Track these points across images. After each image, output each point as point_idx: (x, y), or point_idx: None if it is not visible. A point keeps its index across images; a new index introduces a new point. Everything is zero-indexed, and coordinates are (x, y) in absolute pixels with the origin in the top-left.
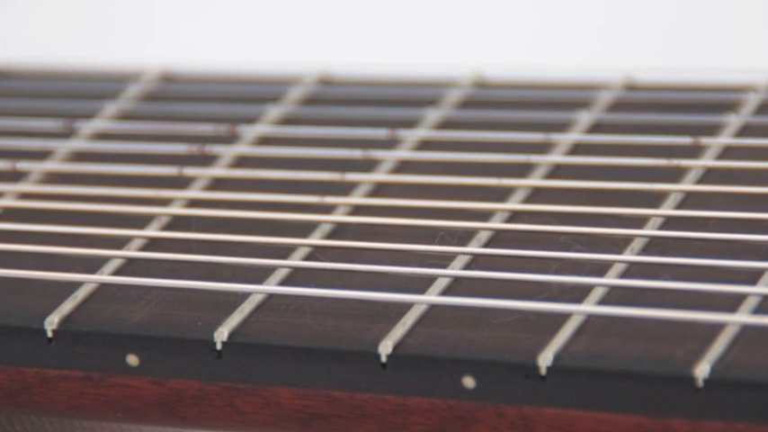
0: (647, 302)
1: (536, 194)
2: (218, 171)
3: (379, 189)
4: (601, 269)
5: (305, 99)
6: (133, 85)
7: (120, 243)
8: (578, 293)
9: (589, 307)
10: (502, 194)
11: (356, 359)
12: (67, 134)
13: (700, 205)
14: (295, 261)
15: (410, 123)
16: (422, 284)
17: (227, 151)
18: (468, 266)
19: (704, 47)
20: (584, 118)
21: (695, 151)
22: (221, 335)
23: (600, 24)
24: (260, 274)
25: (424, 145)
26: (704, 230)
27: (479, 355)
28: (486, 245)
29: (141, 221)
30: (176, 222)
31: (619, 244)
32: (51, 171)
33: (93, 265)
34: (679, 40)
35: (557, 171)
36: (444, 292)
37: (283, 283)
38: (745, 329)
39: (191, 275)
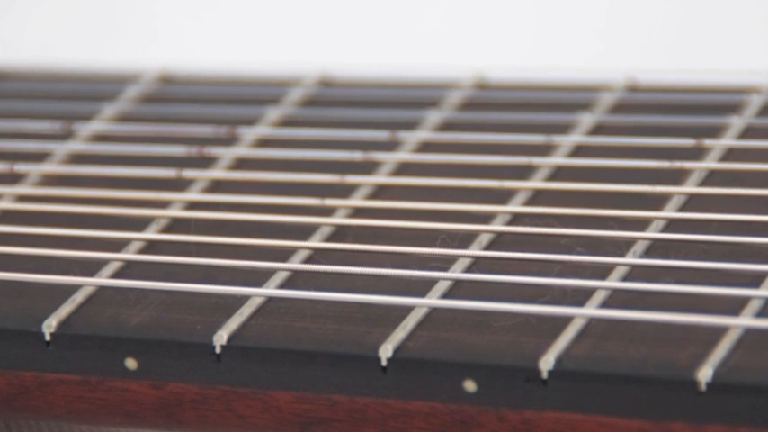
0: (650, 305)
1: (537, 197)
2: (218, 173)
3: (380, 191)
4: (603, 272)
5: (305, 101)
6: (132, 86)
7: (118, 246)
8: (580, 296)
9: (591, 310)
10: (503, 197)
11: (356, 363)
12: (66, 136)
13: (702, 208)
14: (295, 264)
15: (411, 125)
16: (422, 287)
17: (227, 153)
18: (469, 269)
19: (707, 48)
20: (586, 120)
21: (698, 153)
22: (220, 338)
23: (601, 25)
24: (259, 277)
25: (425, 147)
26: (707, 233)
27: (480, 358)
28: (488, 247)
29: (140, 224)
30: (175, 225)
31: (621, 247)
32: (49, 173)
33: (91, 268)
34: (681, 41)
35: (558, 173)
36: (445, 296)
37: (283, 286)
38: (748, 333)
39: (190, 278)
